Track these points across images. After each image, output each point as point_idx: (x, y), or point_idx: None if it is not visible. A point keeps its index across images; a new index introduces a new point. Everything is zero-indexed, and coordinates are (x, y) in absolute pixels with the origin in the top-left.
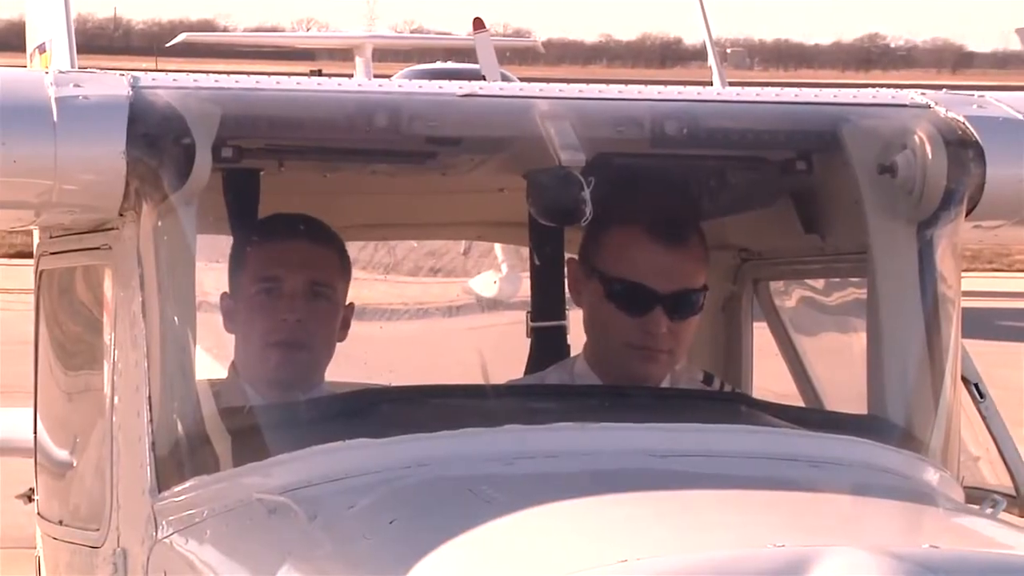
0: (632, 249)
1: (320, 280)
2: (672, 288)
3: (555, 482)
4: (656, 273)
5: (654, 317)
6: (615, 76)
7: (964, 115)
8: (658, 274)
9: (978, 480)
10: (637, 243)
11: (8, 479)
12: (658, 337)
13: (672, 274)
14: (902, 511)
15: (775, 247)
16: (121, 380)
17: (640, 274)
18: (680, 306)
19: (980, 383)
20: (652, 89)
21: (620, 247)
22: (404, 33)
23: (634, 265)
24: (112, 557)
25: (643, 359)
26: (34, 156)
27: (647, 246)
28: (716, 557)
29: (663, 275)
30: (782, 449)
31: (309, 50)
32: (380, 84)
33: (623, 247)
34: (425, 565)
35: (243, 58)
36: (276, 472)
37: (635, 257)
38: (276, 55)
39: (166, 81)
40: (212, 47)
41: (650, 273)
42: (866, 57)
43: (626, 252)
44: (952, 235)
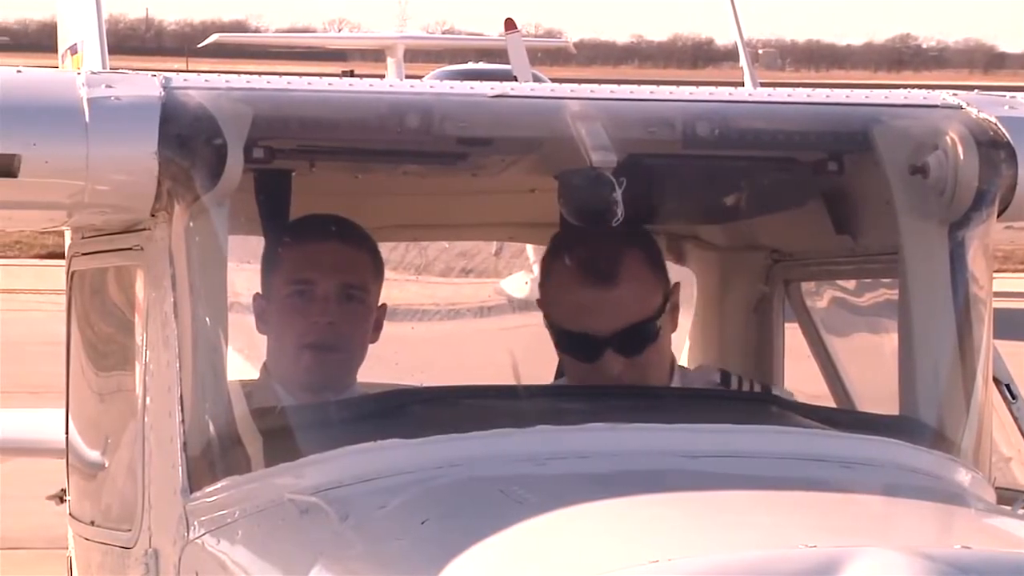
0: (567, 294)
1: (353, 282)
2: (616, 327)
3: (586, 483)
4: (595, 316)
5: (606, 361)
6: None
7: (996, 116)
8: (597, 317)
9: (1010, 481)
10: (570, 288)
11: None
12: (618, 379)
13: (613, 313)
14: (933, 512)
15: (806, 248)
16: (153, 381)
17: (580, 322)
18: (630, 343)
19: (1012, 384)
20: (684, 90)
21: (557, 295)
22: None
23: (572, 312)
24: (144, 558)
25: None
26: (66, 157)
27: (578, 291)
28: (747, 558)
29: (603, 317)
30: (813, 450)
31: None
32: (411, 85)
33: (560, 295)
34: (457, 566)
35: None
36: (308, 472)
37: (571, 303)
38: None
39: (198, 82)
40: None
41: (588, 318)
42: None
43: (563, 298)
44: (984, 236)
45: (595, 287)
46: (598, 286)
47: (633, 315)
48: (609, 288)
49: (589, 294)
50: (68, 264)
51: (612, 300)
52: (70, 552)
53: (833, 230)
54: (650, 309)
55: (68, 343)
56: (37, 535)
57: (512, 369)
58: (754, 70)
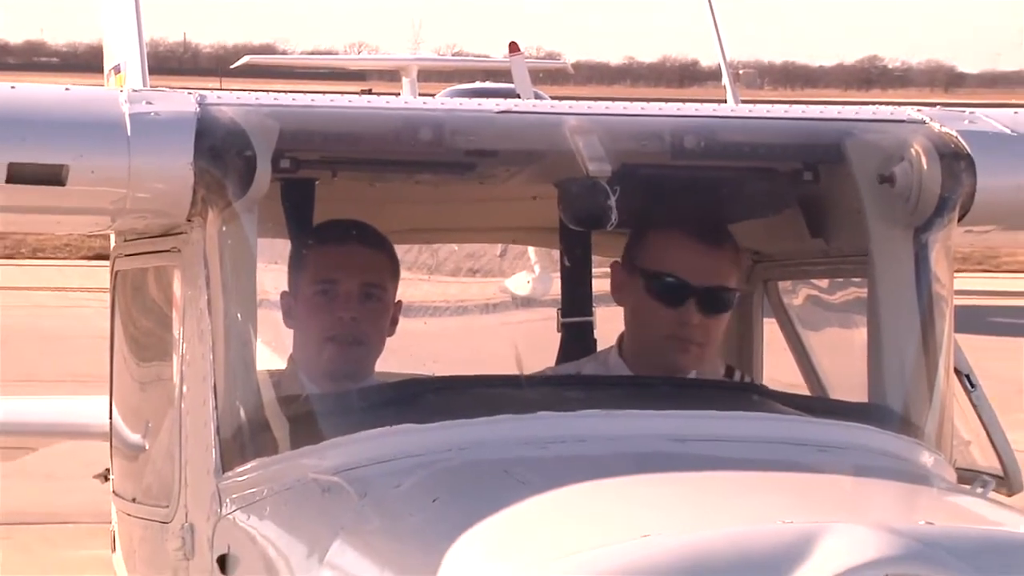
0: (671, 248)
1: (373, 282)
2: (705, 283)
3: (584, 464)
4: (691, 270)
5: (688, 309)
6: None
7: (956, 130)
8: (693, 270)
9: (969, 462)
10: (676, 243)
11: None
12: (690, 328)
13: (706, 271)
14: (900, 491)
15: (784, 250)
16: (189, 371)
17: (677, 270)
18: (712, 301)
19: (971, 374)
20: (672, 106)
21: (661, 247)
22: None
23: (672, 262)
24: (180, 532)
25: (676, 349)
26: (110, 167)
27: (685, 245)
28: (730, 533)
29: (698, 272)
30: (791, 434)
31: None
32: (424, 102)
33: (663, 247)
34: (465, 540)
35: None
36: (330, 454)
37: (673, 255)
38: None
39: (230, 99)
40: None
41: (686, 269)
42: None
43: (666, 251)
44: (945, 239)
45: (700, 245)
46: (703, 245)
47: (721, 279)
48: (710, 250)
49: (693, 248)
50: (112, 265)
51: (710, 260)
52: (113, 526)
53: (808, 234)
54: (732, 282)
55: (112, 336)
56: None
57: (515, 360)
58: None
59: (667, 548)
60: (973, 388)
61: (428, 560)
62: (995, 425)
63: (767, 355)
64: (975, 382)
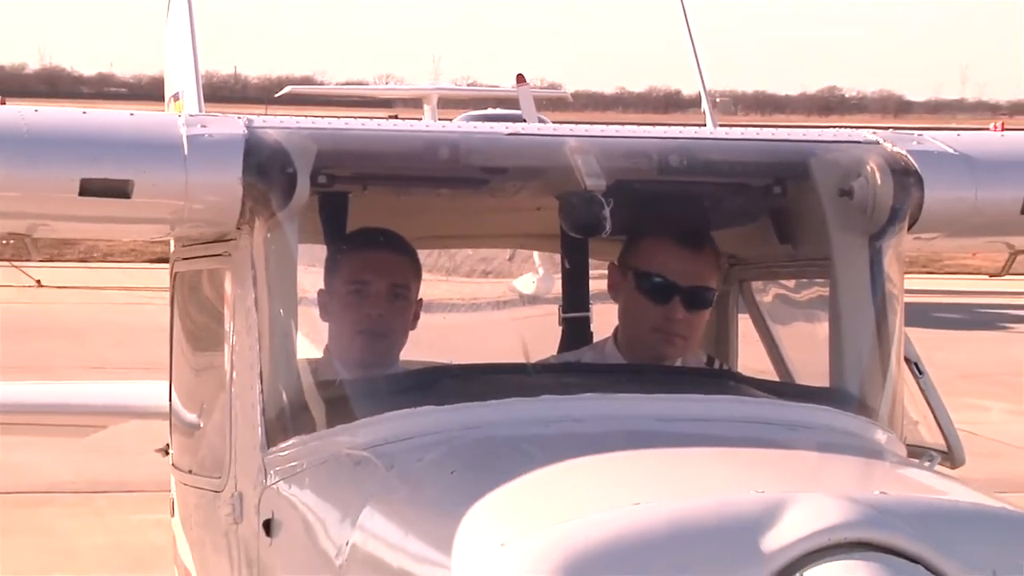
0: (660, 253)
1: (399, 283)
2: (689, 283)
3: (582, 441)
4: (677, 271)
5: (673, 305)
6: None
7: (906, 149)
8: (678, 272)
9: (917, 439)
10: (664, 248)
11: (149, 437)
12: (675, 322)
13: (690, 273)
14: (857, 464)
15: (756, 254)
16: (238, 359)
17: (665, 271)
18: (695, 298)
19: (919, 362)
20: (658, 129)
21: (651, 251)
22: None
23: (661, 264)
24: (231, 499)
25: (663, 341)
26: (169, 182)
27: (672, 250)
28: (710, 501)
29: (683, 273)
30: (762, 415)
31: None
32: (443, 125)
33: (653, 251)
34: (478, 507)
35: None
36: (361, 432)
37: (662, 258)
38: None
39: (274, 122)
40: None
41: (673, 271)
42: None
43: (655, 255)
44: (897, 245)
45: (685, 250)
46: (687, 250)
47: (703, 280)
48: (694, 254)
49: (679, 253)
50: (171, 267)
51: (693, 263)
52: (172, 495)
53: (777, 240)
54: (713, 282)
55: (171, 330)
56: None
57: (522, 350)
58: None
59: (655, 514)
60: (921, 375)
61: (446, 524)
62: (940, 407)
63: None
64: (923, 369)
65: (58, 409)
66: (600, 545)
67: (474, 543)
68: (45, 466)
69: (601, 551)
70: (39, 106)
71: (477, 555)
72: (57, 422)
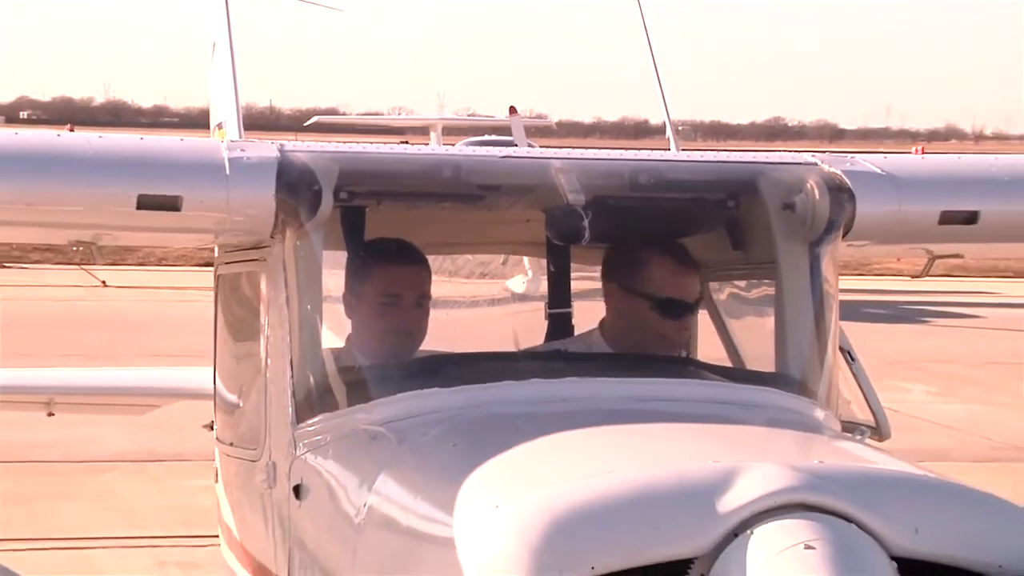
0: (663, 276)
1: (423, 293)
2: (685, 299)
3: (565, 418)
4: (675, 291)
5: (674, 319)
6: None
7: (841, 170)
8: (677, 292)
9: (850, 416)
10: (666, 271)
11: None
12: (674, 331)
13: (686, 292)
14: (799, 438)
15: (713, 259)
16: (272, 349)
17: (668, 292)
18: (687, 310)
19: (851, 351)
20: (629, 153)
21: (656, 274)
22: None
23: (667, 287)
24: (265, 468)
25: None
26: (213, 198)
27: (671, 275)
28: (673, 469)
29: (681, 292)
30: (719, 396)
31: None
32: (446, 150)
33: (660, 274)
34: (475, 475)
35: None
36: (376, 411)
37: (667, 281)
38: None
39: (303, 147)
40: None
41: (672, 291)
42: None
43: (662, 278)
44: (833, 251)
45: (682, 274)
46: (683, 274)
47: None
48: (689, 277)
49: (678, 278)
50: (215, 270)
51: (689, 285)
52: (216, 464)
53: (731, 247)
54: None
55: (215, 323)
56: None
57: (514, 340)
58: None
59: (626, 481)
60: (853, 361)
61: (449, 489)
62: (869, 388)
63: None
64: (854, 357)
65: (119, 391)
66: (579, 507)
67: (472, 505)
68: (108, 439)
69: (580, 512)
70: (103, 133)
71: (475, 515)
72: (118, 402)
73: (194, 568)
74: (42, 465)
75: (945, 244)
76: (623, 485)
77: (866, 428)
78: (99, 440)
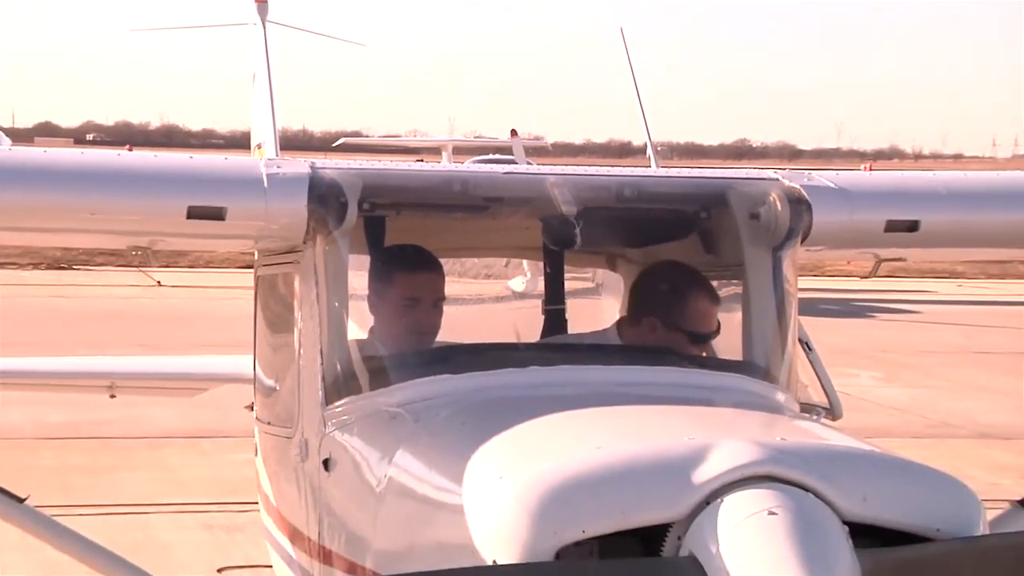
0: (687, 308)
1: (439, 296)
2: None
3: (559, 400)
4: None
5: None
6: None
7: (800, 184)
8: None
9: (807, 399)
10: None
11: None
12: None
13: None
14: (764, 418)
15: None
16: (304, 340)
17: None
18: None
19: (809, 342)
20: (615, 170)
21: (684, 308)
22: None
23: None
24: (298, 443)
25: None
26: (254, 208)
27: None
28: (653, 445)
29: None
30: (693, 381)
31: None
32: (456, 167)
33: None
34: (481, 450)
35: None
36: (395, 394)
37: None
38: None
39: (331, 164)
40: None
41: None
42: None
43: (689, 313)
44: (793, 255)
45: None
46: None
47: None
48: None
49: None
50: (255, 271)
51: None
52: (256, 440)
53: (704, 251)
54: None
55: (255, 317)
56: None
57: (515, 333)
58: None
59: (612, 455)
60: (810, 351)
61: (458, 462)
62: (824, 374)
63: None
64: (811, 347)
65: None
66: (571, 478)
67: (479, 476)
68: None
69: (572, 482)
70: (158, 152)
71: (481, 485)
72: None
73: (237, 530)
74: (105, 441)
75: (890, 249)
76: (610, 459)
77: (821, 409)
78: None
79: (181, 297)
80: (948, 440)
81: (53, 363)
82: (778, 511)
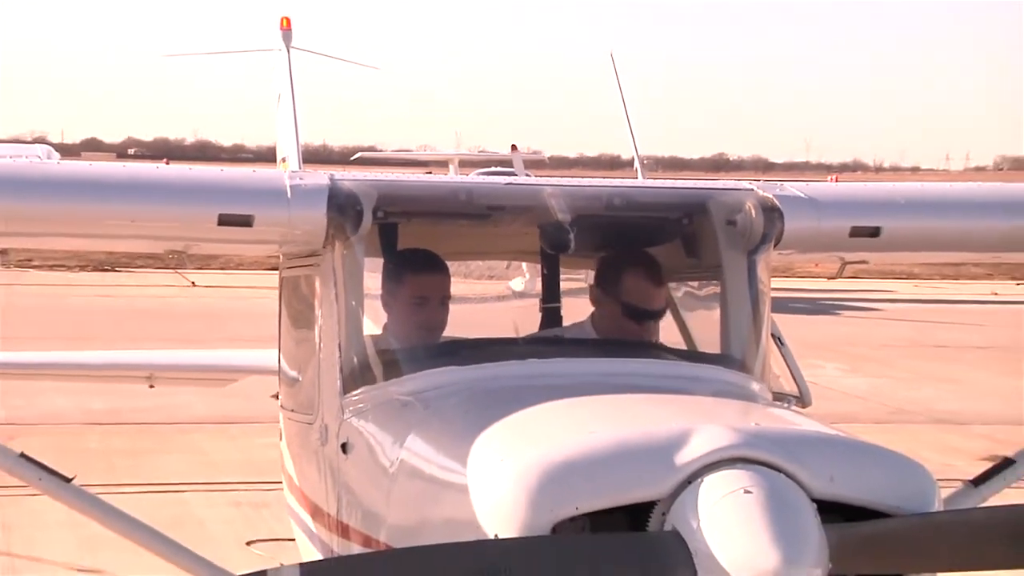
0: (637, 287)
1: (446, 295)
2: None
3: (555, 390)
4: (647, 301)
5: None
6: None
7: (773, 194)
8: (648, 302)
9: (779, 388)
10: (639, 284)
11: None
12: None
13: (656, 302)
14: (740, 406)
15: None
16: (324, 335)
17: (640, 303)
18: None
19: (780, 336)
20: (605, 180)
21: (631, 285)
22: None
23: (638, 298)
24: (319, 429)
25: None
26: (278, 216)
27: (644, 287)
28: (642, 430)
29: (651, 302)
30: (676, 372)
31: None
32: (462, 179)
33: (633, 286)
34: (484, 435)
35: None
36: (407, 384)
37: (639, 292)
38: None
39: (348, 176)
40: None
41: (644, 301)
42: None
43: (635, 289)
44: (766, 258)
45: (653, 287)
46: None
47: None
48: (658, 288)
49: (650, 290)
50: (279, 273)
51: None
52: (280, 426)
53: (685, 254)
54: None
55: (279, 315)
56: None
57: (515, 328)
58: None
59: (603, 440)
60: (782, 345)
61: (464, 446)
62: (795, 366)
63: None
64: (783, 341)
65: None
66: (566, 460)
67: (482, 459)
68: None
69: (566, 464)
70: (192, 165)
71: (484, 467)
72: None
73: (263, 507)
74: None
75: (854, 253)
76: (601, 443)
77: (792, 397)
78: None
79: (213, 296)
80: (906, 425)
81: (98, 356)
82: (753, 490)
